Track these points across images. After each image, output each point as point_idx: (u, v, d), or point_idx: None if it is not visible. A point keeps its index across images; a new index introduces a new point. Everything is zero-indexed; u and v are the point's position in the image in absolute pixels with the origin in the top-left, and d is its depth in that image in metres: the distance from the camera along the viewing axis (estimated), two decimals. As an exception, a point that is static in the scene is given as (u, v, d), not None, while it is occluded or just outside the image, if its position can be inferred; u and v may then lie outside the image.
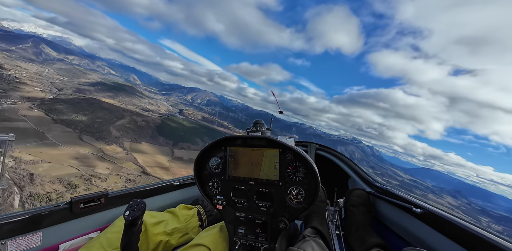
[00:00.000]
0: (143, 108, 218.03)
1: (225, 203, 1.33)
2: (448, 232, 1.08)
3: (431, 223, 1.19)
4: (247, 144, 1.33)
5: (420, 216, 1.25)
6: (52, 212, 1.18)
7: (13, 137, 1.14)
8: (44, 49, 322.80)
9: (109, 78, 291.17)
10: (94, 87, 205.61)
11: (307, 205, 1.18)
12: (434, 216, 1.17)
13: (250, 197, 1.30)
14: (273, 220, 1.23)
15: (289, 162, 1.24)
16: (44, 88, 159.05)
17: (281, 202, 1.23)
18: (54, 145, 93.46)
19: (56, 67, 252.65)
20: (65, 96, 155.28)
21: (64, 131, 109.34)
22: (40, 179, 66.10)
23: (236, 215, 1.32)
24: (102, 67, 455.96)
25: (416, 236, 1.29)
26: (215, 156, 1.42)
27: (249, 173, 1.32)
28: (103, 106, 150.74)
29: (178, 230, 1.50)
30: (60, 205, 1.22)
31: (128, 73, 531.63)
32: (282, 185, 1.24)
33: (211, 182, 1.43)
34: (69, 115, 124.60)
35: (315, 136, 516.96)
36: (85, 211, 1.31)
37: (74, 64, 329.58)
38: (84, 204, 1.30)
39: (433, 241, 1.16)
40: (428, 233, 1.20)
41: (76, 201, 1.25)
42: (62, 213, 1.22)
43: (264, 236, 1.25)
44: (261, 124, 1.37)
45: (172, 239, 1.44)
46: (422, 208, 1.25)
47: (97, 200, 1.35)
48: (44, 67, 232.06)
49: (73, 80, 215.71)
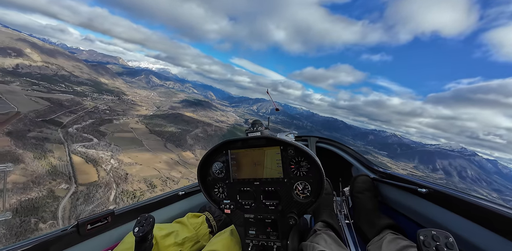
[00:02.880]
0: (215, 119, 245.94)
1: (233, 207, 1.33)
2: (455, 209, 1.08)
3: (438, 201, 1.19)
4: (247, 145, 1.33)
5: (426, 195, 1.26)
6: (60, 237, 1.16)
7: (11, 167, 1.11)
8: (152, 78, 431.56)
9: (192, 96, 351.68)
10: (181, 104, 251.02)
11: (314, 198, 1.18)
12: (440, 194, 1.18)
13: (257, 198, 1.30)
14: (282, 217, 1.23)
15: (291, 158, 1.24)
16: (148, 107, 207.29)
17: (288, 198, 1.23)
18: (147, 151, 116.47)
19: (158, 91, 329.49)
20: (160, 112, 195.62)
21: (155, 139, 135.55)
22: (132, 178, 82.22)
23: (245, 217, 1.32)
24: (188, 87, 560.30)
25: (424, 216, 1.30)
26: (217, 161, 1.41)
27: (253, 173, 1.32)
28: (183, 119, 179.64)
29: (189, 239, 1.49)
30: (67, 229, 1.21)
31: (206, 91, 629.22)
32: (287, 182, 1.24)
33: (216, 188, 1.42)
34: (160, 127, 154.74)
35: (400, 146, 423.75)
36: (93, 232, 1.29)
37: (170, 87, 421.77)
38: (91, 225, 1.28)
39: (442, 219, 1.16)
40: (436, 212, 1.20)
41: (82, 223, 1.24)
42: (70, 236, 1.20)
43: (276, 235, 1.24)
44: (259, 124, 1.37)
45: (184, 248, 1.43)
46: (427, 188, 1.25)
47: (103, 219, 1.34)
48: (150, 92, 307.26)
49: (168, 100, 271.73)
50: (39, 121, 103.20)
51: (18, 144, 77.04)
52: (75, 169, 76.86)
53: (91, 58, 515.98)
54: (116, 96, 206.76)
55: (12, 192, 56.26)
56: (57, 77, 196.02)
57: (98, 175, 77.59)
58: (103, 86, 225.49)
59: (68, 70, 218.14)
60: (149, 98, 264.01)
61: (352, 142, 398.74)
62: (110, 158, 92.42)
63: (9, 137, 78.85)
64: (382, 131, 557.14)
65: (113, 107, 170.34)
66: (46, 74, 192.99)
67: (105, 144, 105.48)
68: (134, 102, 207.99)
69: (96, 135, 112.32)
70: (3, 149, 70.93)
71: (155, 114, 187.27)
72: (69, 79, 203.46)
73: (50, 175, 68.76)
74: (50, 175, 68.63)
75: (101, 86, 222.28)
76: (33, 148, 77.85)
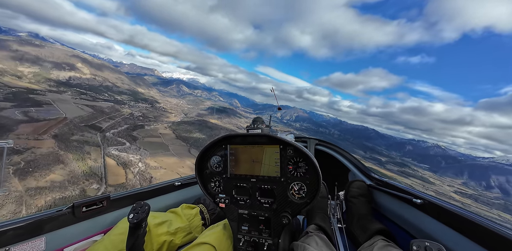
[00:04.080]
0: (238, 126, 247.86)
1: (228, 201, 1.34)
2: (449, 222, 1.08)
3: (432, 213, 1.19)
4: (247, 141, 1.33)
5: (420, 206, 1.25)
6: (55, 217, 1.18)
7: (11, 143, 1.10)
8: (182, 87, 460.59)
9: (218, 104, 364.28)
10: (207, 111, 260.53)
11: (309, 200, 1.19)
12: (435, 206, 1.17)
13: (253, 194, 1.31)
14: (276, 216, 1.24)
15: (290, 158, 1.25)
16: (177, 114, 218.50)
17: (284, 198, 1.24)
18: (172, 155, 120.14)
19: (187, 99, 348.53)
20: (188, 119, 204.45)
21: (181, 145, 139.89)
22: (155, 182, 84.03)
23: (239, 212, 1.33)
24: (215, 96, 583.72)
25: (416, 226, 1.30)
26: (216, 155, 1.42)
27: (250, 170, 1.32)
28: (208, 125, 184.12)
29: (182, 229, 1.51)
30: (63, 209, 1.23)
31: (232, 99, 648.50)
32: (284, 181, 1.25)
33: (213, 181, 1.43)
34: (186, 132, 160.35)
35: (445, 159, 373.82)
36: (88, 214, 1.32)
37: (198, 96, 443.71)
38: (87, 208, 1.30)
39: (434, 231, 1.16)
40: (428, 223, 1.20)
41: (78, 205, 1.26)
42: (65, 217, 1.23)
43: (268, 232, 1.26)
44: (261, 122, 1.38)
45: (176, 238, 1.45)
46: (422, 199, 1.25)
47: (99, 203, 1.36)
48: (180, 100, 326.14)
49: (196, 107, 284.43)
50: (82, 126, 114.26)
51: (61, 146, 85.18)
52: (107, 171, 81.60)
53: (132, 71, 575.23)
54: (150, 104, 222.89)
55: (49, 190, 60.93)
56: (102, 87, 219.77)
57: (126, 177, 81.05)
58: (139, 95, 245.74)
59: (112, 81, 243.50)
60: (179, 105, 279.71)
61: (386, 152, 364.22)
62: (138, 162, 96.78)
63: (54, 139, 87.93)
64: (421, 141, 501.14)
65: (146, 114, 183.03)
66: (93, 85, 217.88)
67: (136, 148, 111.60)
68: (165, 109, 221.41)
69: (128, 139, 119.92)
70: (47, 150, 78.69)
71: (183, 120, 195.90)
72: (111, 89, 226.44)
73: (84, 175, 73.73)
74: (85, 176, 73.55)
75: (138, 95, 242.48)
76: (73, 150, 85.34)
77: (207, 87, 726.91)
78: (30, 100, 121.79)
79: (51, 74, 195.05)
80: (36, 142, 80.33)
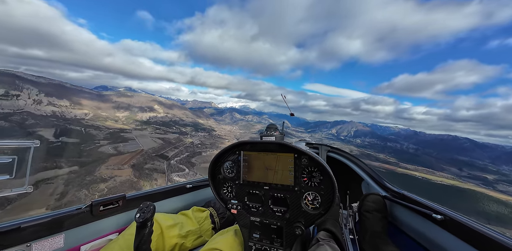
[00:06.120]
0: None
1: (240, 208, 1.32)
2: (471, 240, 1.02)
3: (453, 230, 1.13)
4: (261, 148, 1.32)
5: (441, 222, 1.19)
6: (74, 214, 1.22)
7: (38, 143, 1.12)
8: (234, 115, 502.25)
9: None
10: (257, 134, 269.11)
11: (323, 211, 1.15)
12: (456, 223, 1.11)
13: (265, 202, 1.29)
14: (288, 225, 1.21)
15: (304, 167, 1.22)
16: (230, 139, 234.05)
17: (297, 207, 1.21)
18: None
19: (239, 124, 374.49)
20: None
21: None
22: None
23: (251, 219, 1.31)
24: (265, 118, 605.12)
25: (436, 243, 1.23)
26: (229, 161, 1.42)
27: (263, 177, 1.31)
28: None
29: (193, 232, 1.51)
30: (82, 208, 1.26)
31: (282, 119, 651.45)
32: (298, 190, 1.22)
33: (225, 187, 1.43)
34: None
35: None
36: (105, 213, 1.35)
37: (249, 120, 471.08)
38: (104, 207, 1.33)
39: (455, 249, 1.10)
40: (449, 241, 1.13)
41: (96, 204, 1.29)
42: (83, 215, 1.26)
43: (280, 242, 1.22)
44: (274, 129, 1.36)
45: (187, 241, 1.45)
46: (443, 214, 1.18)
47: (115, 202, 1.39)
48: (233, 126, 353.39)
49: (247, 131, 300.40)
50: (153, 156, 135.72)
51: (136, 174, 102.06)
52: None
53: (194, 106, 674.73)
54: (207, 132, 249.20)
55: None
56: (171, 122, 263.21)
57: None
58: (200, 125, 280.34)
59: (179, 116, 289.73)
60: (232, 131, 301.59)
61: (493, 167, 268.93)
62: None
63: (132, 168, 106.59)
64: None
65: (203, 141, 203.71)
66: (165, 121, 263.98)
67: (193, 173, 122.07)
68: (219, 136, 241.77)
69: (187, 166, 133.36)
70: (125, 178, 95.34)
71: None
72: (178, 123, 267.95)
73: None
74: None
75: (198, 125, 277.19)
76: (144, 177, 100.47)
77: (257, 111, 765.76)
78: (120, 137, 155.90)
79: (137, 116, 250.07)
80: (118, 172, 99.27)
